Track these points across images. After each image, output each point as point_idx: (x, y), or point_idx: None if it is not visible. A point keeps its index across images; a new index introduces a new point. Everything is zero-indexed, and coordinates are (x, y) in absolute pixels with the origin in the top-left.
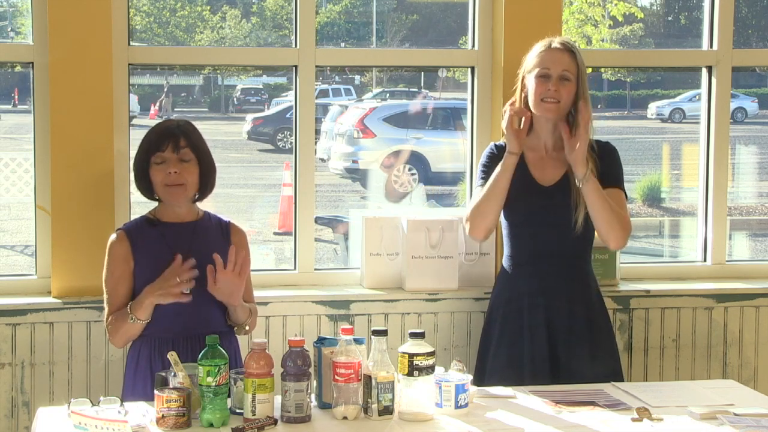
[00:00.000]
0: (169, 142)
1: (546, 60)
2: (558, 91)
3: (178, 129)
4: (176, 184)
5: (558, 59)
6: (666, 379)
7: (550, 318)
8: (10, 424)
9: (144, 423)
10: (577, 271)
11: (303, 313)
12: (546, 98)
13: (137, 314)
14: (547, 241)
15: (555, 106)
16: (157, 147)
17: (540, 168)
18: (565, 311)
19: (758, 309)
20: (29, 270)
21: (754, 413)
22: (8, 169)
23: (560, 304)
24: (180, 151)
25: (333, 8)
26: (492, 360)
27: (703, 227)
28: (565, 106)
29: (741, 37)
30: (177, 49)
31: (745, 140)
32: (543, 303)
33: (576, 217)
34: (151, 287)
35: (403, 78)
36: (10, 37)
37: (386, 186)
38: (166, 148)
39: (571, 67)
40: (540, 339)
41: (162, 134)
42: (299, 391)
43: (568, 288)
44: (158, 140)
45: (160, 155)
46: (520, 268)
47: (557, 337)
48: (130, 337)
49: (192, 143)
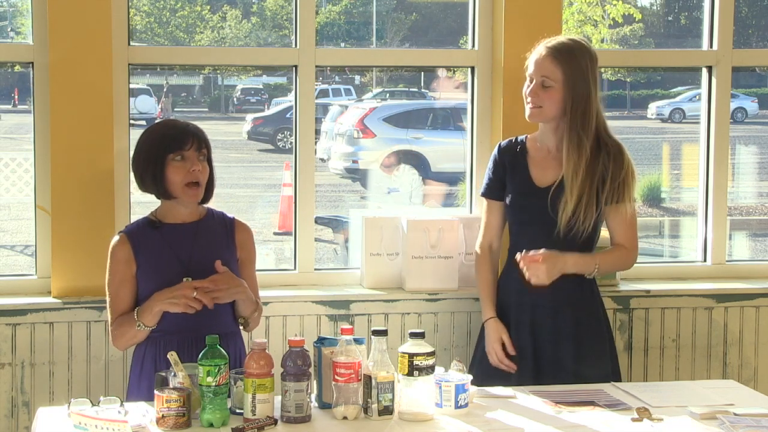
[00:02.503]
0: (191, 140)
1: (530, 64)
2: (538, 97)
3: (196, 129)
4: (196, 182)
5: (539, 65)
6: (666, 379)
7: (535, 317)
8: (10, 424)
9: (144, 423)
10: (571, 274)
11: (303, 313)
12: (528, 103)
13: (144, 321)
14: (538, 241)
15: (537, 111)
16: (180, 145)
17: (541, 168)
18: (550, 311)
19: (758, 309)
20: (29, 270)
21: (754, 413)
22: (8, 169)
23: (546, 303)
24: (201, 150)
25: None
26: (480, 351)
27: (703, 227)
28: (551, 112)
29: (741, 37)
30: (177, 49)
31: (745, 140)
32: (529, 302)
33: (558, 223)
34: (160, 294)
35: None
36: (10, 37)
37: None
38: (189, 147)
39: (553, 74)
40: (524, 337)
41: (183, 132)
42: (299, 391)
43: (555, 288)
44: (180, 138)
45: (182, 153)
46: (514, 267)
47: (543, 337)
48: (135, 342)
49: (207, 144)
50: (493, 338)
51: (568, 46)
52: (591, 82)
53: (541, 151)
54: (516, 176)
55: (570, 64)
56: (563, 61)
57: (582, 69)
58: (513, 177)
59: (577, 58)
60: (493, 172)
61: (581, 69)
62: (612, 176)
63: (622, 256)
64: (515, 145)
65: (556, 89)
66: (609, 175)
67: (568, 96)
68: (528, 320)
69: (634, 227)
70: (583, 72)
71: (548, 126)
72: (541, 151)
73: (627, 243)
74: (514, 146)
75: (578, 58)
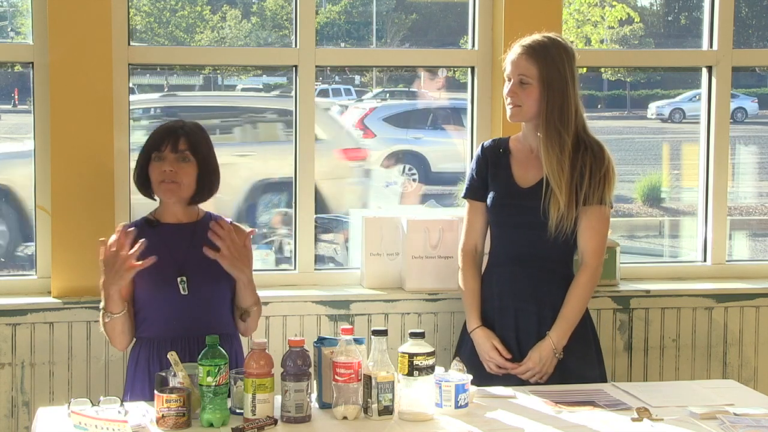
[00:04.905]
0: (168, 141)
1: (507, 65)
2: (517, 96)
3: (182, 129)
4: (170, 181)
5: (515, 64)
6: (666, 379)
7: (519, 321)
8: (10, 424)
9: (144, 423)
10: (553, 275)
11: (303, 313)
12: (508, 104)
13: (110, 309)
14: (521, 244)
15: (517, 110)
16: (157, 145)
17: (523, 168)
18: (534, 315)
19: (758, 309)
20: (29, 270)
21: (754, 413)
22: None
23: (530, 307)
24: (178, 151)
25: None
26: (461, 353)
27: (703, 227)
28: (530, 110)
29: (741, 37)
30: (177, 49)
31: (745, 140)
32: (512, 306)
33: (550, 224)
34: (106, 277)
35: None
36: (10, 37)
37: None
38: (164, 147)
39: (530, 71)
40: (509, 341)
41: (164, 133)
42: (299, 391)
43: (539, 292)
44: (159, 138)
45: (159, 153)
46: (495, 269)
47: (527, 341)
48: (120, 334)
49: (192, 144)
50: (487, 347)
51: (543, 43)
52: (568, 78)
53: (523, 152)
54: (498, 176)
55: (545, 61)
56: (538, 58)
57: (557, 65)
58: (495, 177)
59: (551, 54)
60: (476, 172)
61: (556, 65)
62: (591, 173)
63: (588, 285)
64: (498, 145)
65: (534, 87)
66: (588, 171)
67: (545, 92)
68: (512, 324)
69: (604, 238)
70: (558, 68)
71: (529, 125)
72: (524, 151)
73: (592, 259)
74: (498, 146)
75: (553, 54)
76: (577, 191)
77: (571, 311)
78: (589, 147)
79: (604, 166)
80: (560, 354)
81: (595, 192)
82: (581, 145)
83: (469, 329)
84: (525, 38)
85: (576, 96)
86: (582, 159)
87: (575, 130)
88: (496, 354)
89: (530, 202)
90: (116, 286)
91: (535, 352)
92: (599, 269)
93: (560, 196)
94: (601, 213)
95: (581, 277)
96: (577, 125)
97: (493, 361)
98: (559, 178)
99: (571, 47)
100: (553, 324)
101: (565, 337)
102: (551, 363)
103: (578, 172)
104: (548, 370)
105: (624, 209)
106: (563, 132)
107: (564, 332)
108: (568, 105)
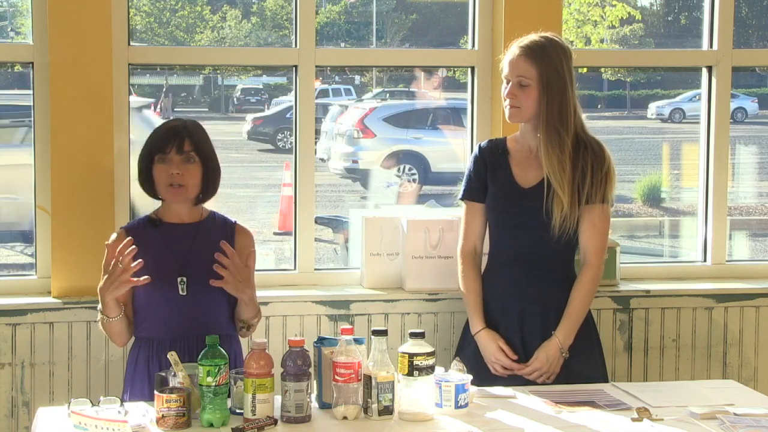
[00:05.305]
0: (173, 142)
1: (505, 66)
2: (516, 97)
3: (185, 129)
4: (177, 185)
5: (513, 65)
6: (666, 379)
7: (524, 322)
8: (10, 424)
9: (144, 423)
10: (555, 275)
11: (303, 313)
12: (506, 105)
13: (107, 313)
14: (523, 244)
15: (516, 111)
16: (161, 147)
17: (523, 168)
18: (538, 316)
19: (758, 309)
20: (29, 270)
21: (754, 413)
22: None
23: (534, 308)
24: (183, 153)
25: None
26: (463, 355)
27: (703, 227)
28: (529, 111)
29: (741, 37)
30: (177, 49)
31: (745, 140)
32: (516, 307)
33: (553, 224)
34: (103, 285)
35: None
36: (10, 37)
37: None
38: (170, 149)
39: (529, 72)
40: (514, 343)
41: (167, 134)
42: (299, 391)
43: (543, 292)
44: (162, 140)
45: (164, 155)
46: (497, 269)
47: (531, 342)
48: (117, 333)
49: (196, 145)
50: (493, 348)
51: (541, 44)
52: (567, 78)
53: (522, 152)
54: (498, 177)
55: (544, 61)
56: (537, 59)
57: (556, 65)
58: (495, 178)
59: (550, 54)
60: (475, 173)
61: (555, 65)
62: (593, 172)
63: (592, 283)
64: (496, 145)
65: (533, 88)
66: (589, 170)
67: (544, 93)
68: (517, 325)
69: (605, 236)
70: (557, 68)
71: (528, 126)
72: (523, 151)
73: (595, 257)
74: (495, 147)
75: (551, 54)
76: (579, 190)
77: (576, 310)
78: (589, 146)
79: (605, 164)
80: (566, 353)
81: (597, 191)
82: (581, 144)
83: (473, 331)
84: (522, 38)
85: (574, 96)
86: (583, 158)
87: (574, 130)
88: (503, 355)
89: (532, 203)
90: (112, 296)
91: (542, 351)
92: (602, 267)
93: (563, 196)
94: (603, 211)
95: (585, 275)
96: (575, 125)
97: (499, 363)
98: (560, 178)
99: (568, 47)
100: (557, 324)
101: (571, 336)
102: (558, 362)
103: (580, 171)
104: (555, 369)
105: (624, 209)
106: (563, 132)
107: (570, 331)
108: (567, 105)
